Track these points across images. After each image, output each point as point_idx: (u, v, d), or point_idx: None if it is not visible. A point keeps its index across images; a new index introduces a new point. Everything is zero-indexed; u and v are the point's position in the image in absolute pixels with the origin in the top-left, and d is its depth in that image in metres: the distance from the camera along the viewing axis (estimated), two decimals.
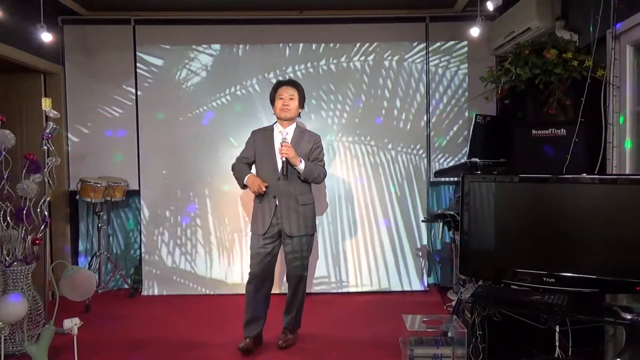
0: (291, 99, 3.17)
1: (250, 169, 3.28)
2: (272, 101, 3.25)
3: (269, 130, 3.26)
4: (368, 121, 4.47)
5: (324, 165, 3.26)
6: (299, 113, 3.28)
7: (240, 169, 3.24)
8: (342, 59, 4.45)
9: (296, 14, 4.51)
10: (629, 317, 2.07)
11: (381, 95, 4.45)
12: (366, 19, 4.46)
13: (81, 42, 4.47)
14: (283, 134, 3.13)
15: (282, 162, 3.06)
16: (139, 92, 4.47)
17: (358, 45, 4.44)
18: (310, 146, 3.19)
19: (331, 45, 4.45)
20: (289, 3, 4.36)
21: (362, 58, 4.45)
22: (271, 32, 4.46)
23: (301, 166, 3.07)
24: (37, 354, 2.79)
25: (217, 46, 4.47)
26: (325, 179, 4.32)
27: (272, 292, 3.24)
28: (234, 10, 4.45)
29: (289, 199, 3.12)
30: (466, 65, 4.45)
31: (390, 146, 4.46)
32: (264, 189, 3.09)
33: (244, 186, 3.20)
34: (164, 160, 4.49)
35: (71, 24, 4.46)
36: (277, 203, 3.12)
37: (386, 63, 4.44)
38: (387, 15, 4.46)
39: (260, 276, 3.13)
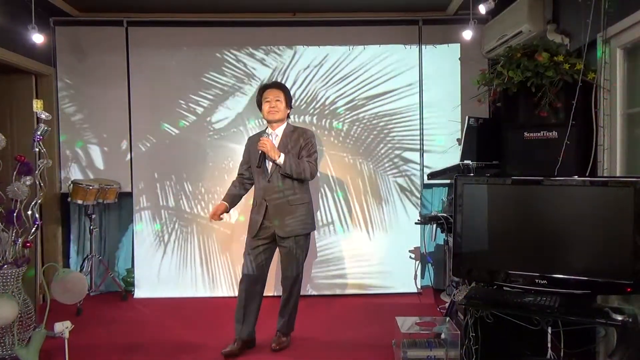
0: (277, 100, 3.18)
1: (243, 185, 3.34)
2: (259, 105, 3.26)
3: (261, 134, 3.27)
4: (361, 122, 4.47)
5: (316, 160, 3.22)
6: (288, 114, 3.28)
7: (227, 192, 3.33)
8: (336, 61, 4.45)
9: (290, 16, 4.51)
10: (620, 318, 2.09)
11: (374, 97, 4.46)
12: (360, 22, 4.47)
13: (73, 44, 4.44)
14: (272, 136, 3.17)
15: (259, 154, 3.08)
16: (131, 94, 4.45)
17: (351, 47, 4.45)
18: (299, 143, 3.18)
19: (324, 47, 4.45)
20: (283, 5, 4.36)
21: (356, 60, 4.45)
22: (265, 35, 4.46)
23: (279, 160, 3.06)
24: (27, 357, 2.77)
25: (211, 48, 4.46)
26: (318, 181, 4.38)
27: (266, 294, 3.24)
28: (227, 12, 4.44)
29: (279, 199, 3.13)
30: (459, 68, 4.47)
31: (383, 148, 4.47)
32: (213, 218, 3.21)
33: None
34: (157, 162, 4.47)
35: (63, 25, 4.43)
36: (267, 205, 3.13)
37: (379, 65, 4.45)
38: (380, 18, 4.47)
39: (252, 277, 3.14)
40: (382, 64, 4.45)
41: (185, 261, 4.44)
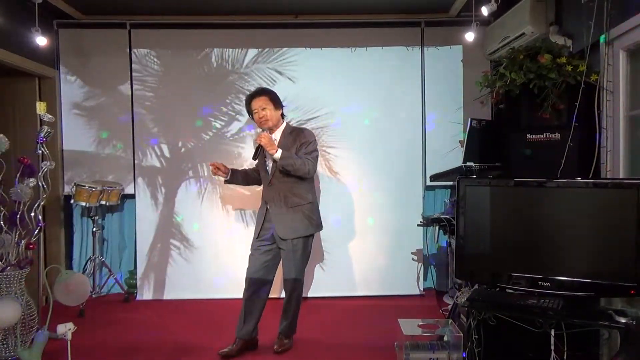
0: (263, 109, 3.14)
1: (253, 173, 3.43)
2: (251, 115, 3.27)
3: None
4: (363, 125, 4.47)
5: (315, 158, 3.18)
6: (281, 114, 3.25)
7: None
8: (338, 63, 4.46)
9: (292, 18, 4.52)
10: (623, 320, 2.08)
11: (376, 99, 4.46)
12: (362, 24, 4.48)
13: (76, 46, 4.46)
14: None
15: (256, 147, 3.10)
16: (134, 96, 4.46)
17: (354, 49, 4.46)
18: (297, 143, 3.17)
19: (326, 49, 4.46)
20: (285, 7, 4.36)
21: (358, 62, 4.46)
22: (267, 36, 4.47)
23: (277, 155, 3.03)
24: (30, 359, 2.77)
25: (213, 50, 4.47)
26: (320, 183, 4.37)
27: (269, 296, 3.24)
28: (229, 14, 4.46)
29: (279, 202, 3.14)
30: (461, 69, 4.47)
31: (385, 150, 4.47)
32: (212, 170, 3.24)
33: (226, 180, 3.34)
34: (160, 163, 4.48)
35: (66, 27, 4.45)
36: (267, 207, 3.16)
37: (381, 67, 4.45)
38: (382, 20, 4.48)
39: (254, 278, 3.14)
40: (383, 66, 4.45)
41: (188, 262, 4.45)
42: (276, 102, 3.21)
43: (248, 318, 3.15)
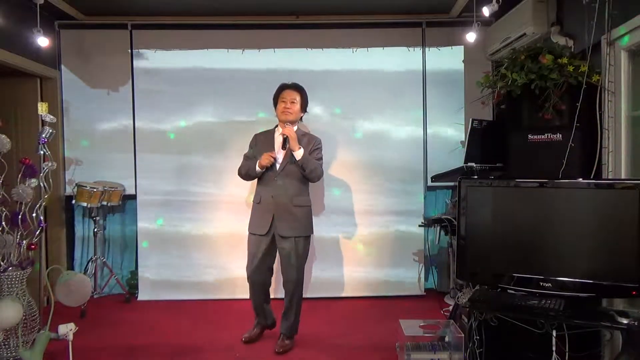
0: (293, 102, 3.22)
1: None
2: (275, 103, 3.30)
3: (270, 132, 3.33)
4: (365, 125, 4.47)
5: (321, 165, 3.30)
6: (301, 117, 3.32)
7: (246, 163, 3.30)
8: (339, 64, 4.46)
9: (293, 19, 4.52)
10: (625, 321, 2.08)
11: (378, 99, 4.46)
12: (363, 24, 4.48)
13: (78, 47, 4.46)
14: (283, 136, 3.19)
15: (283, 138, 3.14)
16: (135, 97, 4.47)
17: (355, 50, 4.46)
18: (309, 147, 3.23)
19: (328, 50, 4.46)
20: (286, 8, 4.37)
21: (359, 63, 4.46)
22: (268, 37, 4.47)
23: (299, 152, 3.12)
24: (32, 359, 2.77)
25: (214, 51, 4.47)
26: (322, 182, 4.37)
27: (270, 297, 3.26)
28: (230, 15, 4.46)
29: (285, 199, 3.15)
30: (462, 70, 4.47)
31: (386, 151, 4.46)
32: (274, 155, 3.14)
33: (259, 171, 3.20)
34: (161, 164, 4.48)
35: (68, 28, 4.46)
36: (275, 204, 3.16)
37: (383, 68, 4.45)
38: (383, 20, 4.48)
39: (258, 276, 3.19)
40: (385, 66, 4.45)
41: (189, 263, 4.45)
42: (304, 104, 3.32)
43: (261, 306, 3.30)
